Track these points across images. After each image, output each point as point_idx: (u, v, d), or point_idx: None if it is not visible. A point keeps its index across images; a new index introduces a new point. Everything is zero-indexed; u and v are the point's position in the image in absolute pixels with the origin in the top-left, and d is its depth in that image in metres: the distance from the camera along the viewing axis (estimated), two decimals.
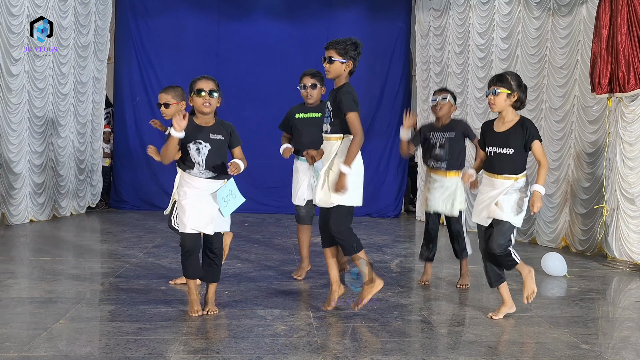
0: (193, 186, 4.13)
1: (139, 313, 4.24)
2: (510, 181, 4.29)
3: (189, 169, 4.15)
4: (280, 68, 10.72)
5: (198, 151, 4.10)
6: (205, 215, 4.13)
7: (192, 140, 4.11)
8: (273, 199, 10.96)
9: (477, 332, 4.10)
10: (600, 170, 7.09)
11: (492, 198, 4.32)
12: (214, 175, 4.15)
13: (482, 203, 4.39)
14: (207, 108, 4.12)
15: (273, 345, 3.66)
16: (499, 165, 4.32)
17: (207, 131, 4.15)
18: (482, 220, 4.39)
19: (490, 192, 4.35)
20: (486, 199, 4.36)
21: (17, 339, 3.62)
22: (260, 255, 6.76)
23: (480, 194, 4.45)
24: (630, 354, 3.73)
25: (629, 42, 6.44)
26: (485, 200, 4.36)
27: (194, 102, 4.14)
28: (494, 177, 4.34)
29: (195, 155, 4.10)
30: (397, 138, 11.75)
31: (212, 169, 4.14)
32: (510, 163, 4.29)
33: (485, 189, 4.40)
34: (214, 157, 4.14)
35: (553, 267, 6.00)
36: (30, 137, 8.66)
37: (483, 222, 4.39)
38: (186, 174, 4.16)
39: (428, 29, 10.33)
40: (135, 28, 10.97)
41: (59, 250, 6.76)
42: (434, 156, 5.28)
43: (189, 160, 4.13)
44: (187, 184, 4.15)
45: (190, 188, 4.14)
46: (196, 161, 4.11)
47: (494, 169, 4.35)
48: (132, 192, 11.01)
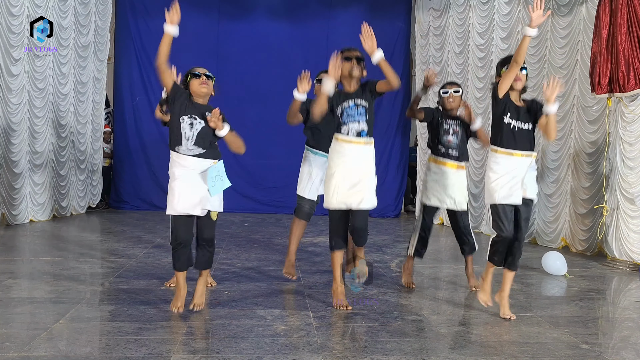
0: (181, 165, 4.11)
1: (139, 313, 4.24)
2: (531, 158, 4.31)
3: (177, 146, 4.11)
4: (280, 68, 10.72)
5: (191, 125, 4.09)
6: (194, 197, 4.10)
7: (187, 114, 4.11)
8: (273, 199, 10.96)
9: (477, 332, 4.10)
10: (600, 170, 7.09)
11: (519, 177, 4.27)
12: (202, 152, 4.12)
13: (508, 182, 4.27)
14: (205, 88, 4.14)
15: (273, 345, 3.66)
16: (521, 141, 4.27)
17: (203, 109, 4.15)
18: (517, 200, 4.29)
19: (514, 172, 4.27)
20: (509, 178, 4.27)
21: (17, 339, 3.62)
22: (260, 255, 6.76)
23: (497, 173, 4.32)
24: (630, 354, 3.73)
25: (628, 42, 6.44)
26: (511, 180, 4.27)
27: (191, 85, 4.15)
28: (516, 154, 4.27)
29: (187, 129, 4.09)
30: (397, 138, 11.82)
31: (201, 145, 4.11)
32: (530, 139, 4.30)
33: (506, 168, 4.29)
34: (205, 135, 4.12)
35: (553, 265, 6.00)
36: (31, 137, 8.66)
37: (518, 201, 4.29)
38: (175, 153, 4.14)
39: (428, 28, 10.34)
40: (135, 28, 10.97)
41: (59, 250, 6.76)
42: (446, 143, 5.14)
43: (177, 134, 4.10)
44: (175, 164, 4.14)
45: (178, 168, 4.12)
46: (186, 136, 4.08)
47: (517, 145, 4.27)
48: (132, 192, 11.01)
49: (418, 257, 5.42)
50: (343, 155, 4.44)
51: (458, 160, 5.16)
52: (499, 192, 4.30)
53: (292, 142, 8.98)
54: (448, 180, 5.14)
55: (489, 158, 4.44)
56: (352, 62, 4.48)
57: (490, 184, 4.36)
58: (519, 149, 4.28)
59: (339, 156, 4.47)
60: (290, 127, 6.51)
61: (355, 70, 4.48)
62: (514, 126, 4.27)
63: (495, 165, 4.34)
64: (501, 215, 4.31)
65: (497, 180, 4.31)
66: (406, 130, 11.40)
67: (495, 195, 4.32)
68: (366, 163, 4.46)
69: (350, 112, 4.43)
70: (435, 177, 5.21)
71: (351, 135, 4.42)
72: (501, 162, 4.31)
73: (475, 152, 8.94)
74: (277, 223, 9.57)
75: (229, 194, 4.35)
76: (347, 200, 4.45)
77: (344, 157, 4.44)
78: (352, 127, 4.42)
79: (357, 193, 4.43)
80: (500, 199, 4.30)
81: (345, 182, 4.43)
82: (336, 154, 4.48)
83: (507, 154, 4.29)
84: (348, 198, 4.44)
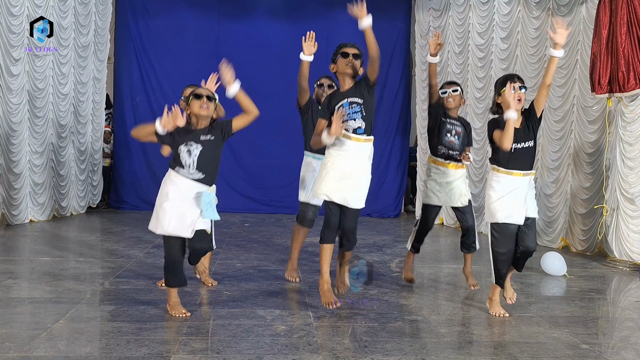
0: (177, 186, 4.09)
1: (139, 313, 4.25)
2: (530, 177, 4.35)
3: (178, 167, 4.11)
4: (280, 68, 10.72)
5: (189, 153, 4.08)
6: (186, 219, 4.08)
7: (182, 142, 4.10)
8: (273, 199, 10.96)
9: (477, 332, 4.10)
10: (600, 170, 7.09)
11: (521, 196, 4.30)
12: (202, 178, 4.10)
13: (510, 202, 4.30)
14: (205, 111, 4.09)
15: (273, 345, 3.66)
16: (522, 160, 4.30)
17: (197, 133, 4.11)
18: (520, 219, 4.32)
19: (516, 191, 4.30)
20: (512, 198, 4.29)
21: (17, 339, 3.62)
22: (260, 255, 6.76)
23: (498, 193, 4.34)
24: (630, 354, 3.73)
25: (628, 42, 6.44)
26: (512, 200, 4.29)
27: (192, 106, 4.11)
28: (516, 174, 4.30)
29: (186, 157, 4.08)
30: (397, 138, 11.82)
31: (202, 171, 4.09)
32: (531, 157, 4.34)
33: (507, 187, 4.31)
34: (206, 159, 4.10)
35: (553, 266, 6.00)
36: (31, 137, 8.66)
37: (520, 220, 4.32)
38: (174, 172, 4.13)
39: (428, 29, 10.33)
40: (135, 28, 10.97)
41: (59, 250, 6.76)
42: (447, 144, 5.14)
43: (178, 160, 4.11)
44: (172, 183, 4.12)
45: (173, 188, 4.10)
46: (187, 163, 4.08)
47: (517, 165, 4.31)
48: (132, 192, 11.01)
49: (415, 252, 5.42)
50: (340, 149, 4.40)
51: (458, 161, 5.17)
52: (501, 212, 4.32)
53: (292, 142, 8.98)
54: (447, 178, 5.15)
55: (490, 177, 4.46)
56: (349, 58, 4.43)
57: (492, 203, 4.37)
58: (519, 169, 4.32)
59: (335, 149, 4.42)
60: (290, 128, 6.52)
61: (350, 68, 4.43)
62: (514, 148, 4.29)
63: (497, 185, 4.37)
64: (504, 233, 4.34)
65: (498, 200, 4.34)
66: (406, 130, 11.40)
67: (497, 214, 4.33)
68: (362, 159, 4.41)
69: (345, 111, 4.38)
70: (434, 176, 5.23)
71: (349, 131, 4.38)
72: (502, 182, 4.34)
73: (475, 152, 8.94)
74: (277, 223, 9.57)
75: (229, 194, 4.37)
76: (333, 193, 4.36)
77: (340, 150, 4.39)
78: (349, 124, 4.38)
79: (345, 187, 4.35)
80: (502, 218, 4.32)
81: (334, 173, 4.36)
82: (334, 147, 4.42)
83: (508, 174, 4.33)
84: (335, 191, 4.36)
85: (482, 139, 9.07)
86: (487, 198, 4.45)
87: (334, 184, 4.37)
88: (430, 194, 5.24)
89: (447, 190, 5.15)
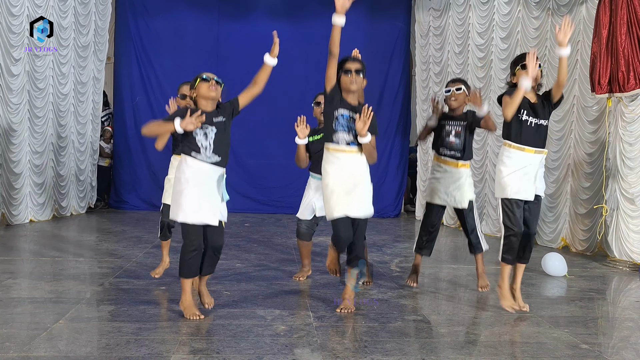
0: (195, 170, 4.03)
1: (139, 313, 4.24)
2: (542, 155, 4.35)
3: (194, 152, 4.05)
4: (280, 68, 10.66)
5: (206, 135, 4.07)
6: (211, 206, 4.07)
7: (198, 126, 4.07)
8: (273, 199, 10.97)
9: (477, 332, 4.10)
10: (600, 170, 7.09)
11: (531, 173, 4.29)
12: (219, 161, 4.10)
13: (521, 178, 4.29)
14: (213, 92, 4.10)
15: (273, 345, 3.66)
16: (536, 137, 4.29)
17: (210, 116, 4.10)
18: (529, 195, 4.32)
19: (527, 168, 4.29)
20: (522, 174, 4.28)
21: (17, 339, 3.62)
22: (260, 255, 6.76)
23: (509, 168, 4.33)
24: (630, 354, 3.73)
25: (628, 42, 6.44)
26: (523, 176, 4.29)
27: (199, 89, 4.10)
28: (528, 150, 4.29)
29: (202, 140, 4.05)
30: (397, 138, 11.81)
31: (218, 153, 4.09)
32: (544, 135, 4.34)
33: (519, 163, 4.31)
34: (220, 140, 4.10)
35: (553, 267, 6.00)
36: (31, 137, 8.66)
37: (530, 196, 4.33)
38: (190, 157, 4.05)
39: (428, 28, 10.34)
40: (135, 28, 10.98)
41: (59, 250, 6.76)
42: (448, 145, 5.10)
43: (194, 145, 4.05)
44: (189, 168, 4.04)
45: (191, 173, 4.03)
46: (203, 146, 4.06)
47: (530, 141, 4.29)
48: (132, 192, 11.01)
49: (421, 255, 5.36)
50: (334, 164, 4.38)
51: (461, 160, 5.12)
52: (511, 187, 4.32)
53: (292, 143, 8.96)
54: (450, 178, 5.11)
55: (502, 152, 4.45)
56: (352, 75, 4.36)
57: (503, 178, 4.37)
58: (532, 145, 4.31)
59: (330, 165, 4.39)
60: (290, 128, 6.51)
61: (354, 85, 4.37)
62: (530, 122, 4.29)
63: (508, 160, 4.36)
64: (514, 209, 4.34)
65: (509, 175, 4.33)
66: (406, 130, 11.41)
67: (507, 189, 4.34)
68: (359, 170, 4.40)
69: (341, 122, 4.38)
70: (437, 175, 5.19)
71: (341, 144, 4.37)
72: (514, 157, 4.34)
73: (475, 152, 8.93)
74: (277, 223, 9.57)
75: (229, 194, 4.34)
76: (347, 207, 4.35)
77: (335, 165, 4.37)
78: (342, 136, 4.36)
79: (354, 200, 4.37)
80: (512, 193, 4.32)
81: (340, 188, 4.35)
82: (328, 164, 4.41)
83: (520, 149, 4.32)
84: (347, 205, 4.35)
85: (481, 139, 9.07)
86: (497, 173, 4.45)
87: (343, 202, 4.35)
88: (432, 193, 5.21)
89: (449, 190, 5.11)
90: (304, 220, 5.46)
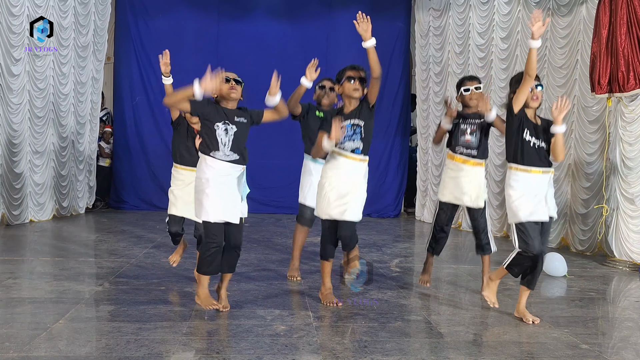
0: (216, 170, 4.10)
1: (139, 313, 4.25)
2: (550, 174, 4.29)
3: (213, 151, 4.11)
4: (280, 68, 10.63)
5: (226, 131, 4.13)
6: (232, 204, 4.13)
7: (221, 120, 4.13)
8: (273, 199, 10.96)
9: (477, 332, 4.10)
10: (600, 170, 7.09)
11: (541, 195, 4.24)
12: (237, 159, 4.16)
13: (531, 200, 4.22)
14: (234, 93, 4.18)
15: (273, 345, 3.66)
16: (540, 157, 4.24)
17: (232, 114, 4.19)
18: (543, 216, 4.24)
19: (536, 189, 4.24)
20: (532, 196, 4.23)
21: (17, 339, 3.63)
22: (260, 255, 6.76)
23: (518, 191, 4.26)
24: (630, 354, 3.73)
25: (628, 42, 6.44)
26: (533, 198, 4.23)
27: (221, 90, 4.16)
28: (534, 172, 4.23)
29: (222, 135, 4.11)
30: (397, 138, 11.80)
31: (236, 151, 4.15)
32: (547, 156, 4.27)
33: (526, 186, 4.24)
34: (239, 139, 4.16)
35: (553, 267, 5.99)
36: (31, 137, 8.66)
37: (545, 217, 4.25)
38: (209, 157, 4.11)
39: (428, 28, 10.33)
40: (134, 28, 10.97)
41: (59, 250, 6.76)
42: (464, 143, 5.01)
43: (214, 141, 4.11)
44: (209, 168, 4.10)
45: (212, 172, 4.09)
46: (222, 142, 4.11)
47: (535, 162, 4.23)
48: (132, 192, 11.01)
49: (432, 254, 5.31)
50: (336, 168, 4.51)
51: (477, 158, 5.01)
52: (523, 211, 4.23)
53: (292, 142, 8.97)
54: (464, 177, 5.00)
55: (508, 176, 4.35)
56: (356, 83, 4.48)
57: (513, 202, 4.28)
58: (537, 165, 4.24)
59: (331, 167, 4.54)
60: (290, 128, 6.52)
61: (356, 92, 4.50)
62: (533, 144, 4.23)
63: (516, 183, 4.28)
64: (529, 232, 4.22)
65: (519, 198, 4.25)
66: (406, 130, 11.40)
67: (520, 213, 4.24)
68: (357, 178, 4.51)
69: (346, 133, 4.47)
70: (451, 173, 5.09)
71: (347, 151, 4.48)
72: (521, 180, 4.26)
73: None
74: (277, 223, 9.57)
75: None
76: (332, 211, 4.50)
77: (336, 169, 4.51)
78: (347, 145, 4.48)
79: (342, 205, 4.47)
80: (525, 216, 4.22)
81: (333, 193, 4.48)
82: (329, 165, 4.56)
83: (526, 172, 4.25)
84: (333, 209, 4.50)
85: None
86: (507, 198, 4.36)
87: (329, 206, 4.51)
88: (445, 191, 5.11)
89: (465, 189, 5.00)
90: (308, 207, 5.39)
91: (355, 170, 4.50)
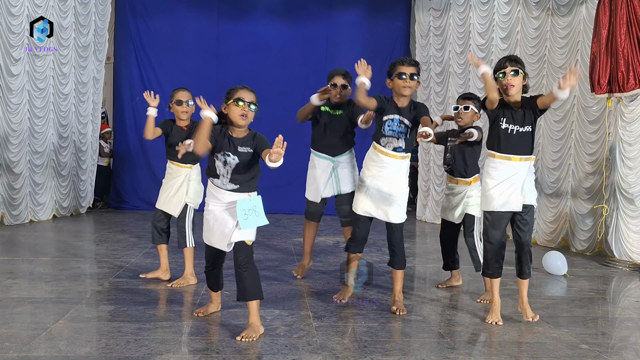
0: (216, 198, 3.92)
1: (139, 313, 4.25)
2: (530, 162, 4.20)
3: (214, 177, 3.93)
4: (280, 68, 10.72)
5: (224, 163, 3.82)
6: (221, 232, 3.90)
7: (221, 151, 3.83)
8: (272, 199, 10.94)
9: (477, 332, 4.10)
10: (600, 170, 7.09)
11: (518, 183, 4.15)
12: (237, 188, 3.89)
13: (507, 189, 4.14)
14: (243, 120, 3.81)
15: (273, 345, 3.66)
16: (520, 145, 4.14)
17: (235, 143, 3.85)
18: (517, 206, 4.16)
19: (514, 177, 4.15)
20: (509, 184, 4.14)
21: (17, 339, 3.62)
22: (260, 255, 6.75)
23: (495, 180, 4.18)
24: (630, 354, 3.73)
25: (628, 42, 6.44)
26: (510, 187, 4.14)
27: (230, 110, 3.81)
28: (514, 159, 4.15)
29: (220, 167, 3.84)
30: None
31: (236, 182, 3.86)
32: (529, 142, 4.17)
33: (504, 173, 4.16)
34: (242, 170, 3.86)
35: (554, 265, 6.00)
36: (31, 137, 8.66)
37: (518, 207, 4.16)
38: (210, 183, 3.97)
39: (428, 29, 10.33)
40: (134, 28, 10.98)
41: (59, 250, 6.76)
42: (445, 160, 5.12)
43: (212, 169, 3.91)
44: (211, 195, 3.96)
45: (212, 199, 3.94)
46: (220, 172, 3.85)
47: (515, 149, 4.14)
48: (131, 192, 11.01)
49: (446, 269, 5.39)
50: (378, 166, 4.46)
51: (464, 177, 5.02)
52: (497, 200, 4.18)
53: (293, 142, 8.93)
54: (454, 196, 5.07)
55: (487, 163, 4.28)
56: (407, 80, 4.40)
57: (488, 190, 4.22)
58: (517, 153, 4.16)
59: (374, 164, 4.49)
60: (290, 128, 6.53)
61: (406, 90, 4.41)
62: (511, 130, 4.15)
63: (494, 171, 4.21)
64: (495, 222, 4.21)
65: (495, 187, 4.19)
66: None
67: (493, 202, 4.19)
68: (400, 176, 4.47)
69: (392, 127, 4.42)
70: (446, 191, 5.24)
71: (388, 149, 4.43)
72: (499, 168, 4.19)
73: None
74: (277, 223, 9.57)
75: None
76: (374, 210, 4.50)
77: (379, 167, 4.46)
78: (391, 142, 4.43)
79: (385, 205, 4.46)
80: (498, 206, 4.18)
81: (375, 191, 4.47)
82: (372, 162, 4.50)
83: (505, 159, 4.18)
84: (375, 209, 4.50)
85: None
86: (483, 185, 4.32)
87: (372, 204, 4.50)
88: (442, 208, 5.25)
89: (451, 205, 5.09)
90: (312, 202, 5.45)
91: (398, 168, 4.45)
